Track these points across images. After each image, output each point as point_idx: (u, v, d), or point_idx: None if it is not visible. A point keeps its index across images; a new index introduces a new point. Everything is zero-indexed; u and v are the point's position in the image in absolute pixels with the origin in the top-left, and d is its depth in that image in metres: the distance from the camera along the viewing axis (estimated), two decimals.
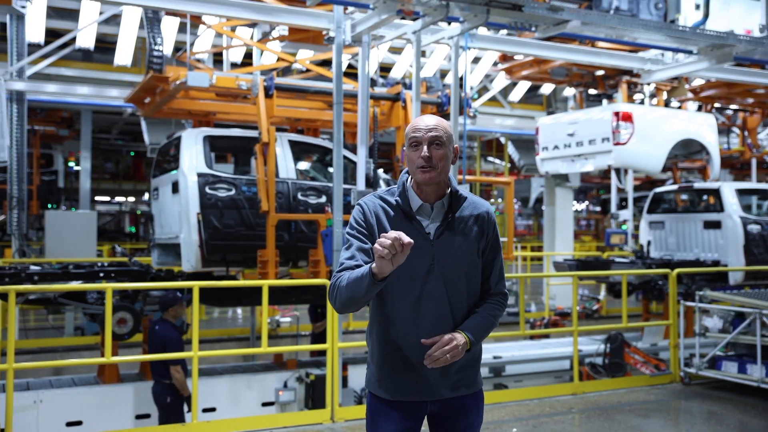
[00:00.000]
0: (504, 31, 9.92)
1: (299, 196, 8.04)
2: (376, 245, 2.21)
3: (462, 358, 2.53)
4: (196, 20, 9.10)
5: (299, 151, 8.42)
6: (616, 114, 9.70)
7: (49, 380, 7.78)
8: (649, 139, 9.89)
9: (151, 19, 8.16)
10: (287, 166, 8.07)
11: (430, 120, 2.52)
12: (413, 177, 2.53)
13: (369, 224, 2.53)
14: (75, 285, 7.10)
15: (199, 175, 7.60)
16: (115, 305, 6.94)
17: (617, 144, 9.65)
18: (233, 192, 7.71)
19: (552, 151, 10.78)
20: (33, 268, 7.39)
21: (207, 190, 7.57)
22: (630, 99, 11.31)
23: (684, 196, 11.19)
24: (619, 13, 8.51)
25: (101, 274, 7.44)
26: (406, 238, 2.18)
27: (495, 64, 12.82)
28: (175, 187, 7.81)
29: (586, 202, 29.28)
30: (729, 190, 9.96)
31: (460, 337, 2.47)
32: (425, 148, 2.46)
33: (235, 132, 8.85)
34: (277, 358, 8.85)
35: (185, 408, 6.77)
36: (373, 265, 2.27)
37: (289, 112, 8.87)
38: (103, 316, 6.90)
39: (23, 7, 7.06)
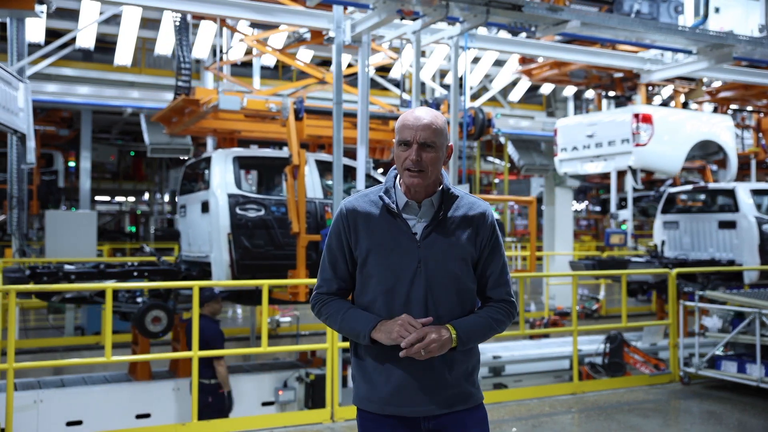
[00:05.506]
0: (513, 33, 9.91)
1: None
2: (397, 335, 2.23)
3: (456, 370, 2.34)
4: (223, 24, 9.21)
5: (326, 170, 8.45)
6: (636, 116, 9.74)
7: (82, 377, 7.86)
8: (668, 141, 9.94)
9: (179, 29, 8.17)
10: (314, 186, 8.13)
11: (422, 116, 2.28)
12: (401, 176, 2.35)
13: (348, 231, 2.39)
14: (74, 285, 7.11)
15: (230, 195, 7.69)
16: (149, 304, 7.08)
17: (637, 145, 9.69)
18: (263, 212, 7.81)
19: (571, 152, 10.82)
20: (68, 267, 7.47)
21: (237, 210, 7.68)
22: (649, 101, 11.34)
23: (693, 197, 11.17)
24: (639, 17, 8.53)
25: (135, 274, 7.61)
26: (428, 339, 2.21)
27: (499, 63, 12.79)
28: (205, 207, 7.89)
29: (586, 202, 29.25)
30: (744, 190, 9.91)
31: (444, 332, 2.25)
32: (414, 151, 2.27)
33: (265, 153, 8.88)
34: (302, 356, 8.93)
35: (226, 401, 6.95)
36: (376, 332, 2.28)
37: (314, 130, 8.85)
38: (137, 314, 7.03)
39: (42, 12, 7.04)
